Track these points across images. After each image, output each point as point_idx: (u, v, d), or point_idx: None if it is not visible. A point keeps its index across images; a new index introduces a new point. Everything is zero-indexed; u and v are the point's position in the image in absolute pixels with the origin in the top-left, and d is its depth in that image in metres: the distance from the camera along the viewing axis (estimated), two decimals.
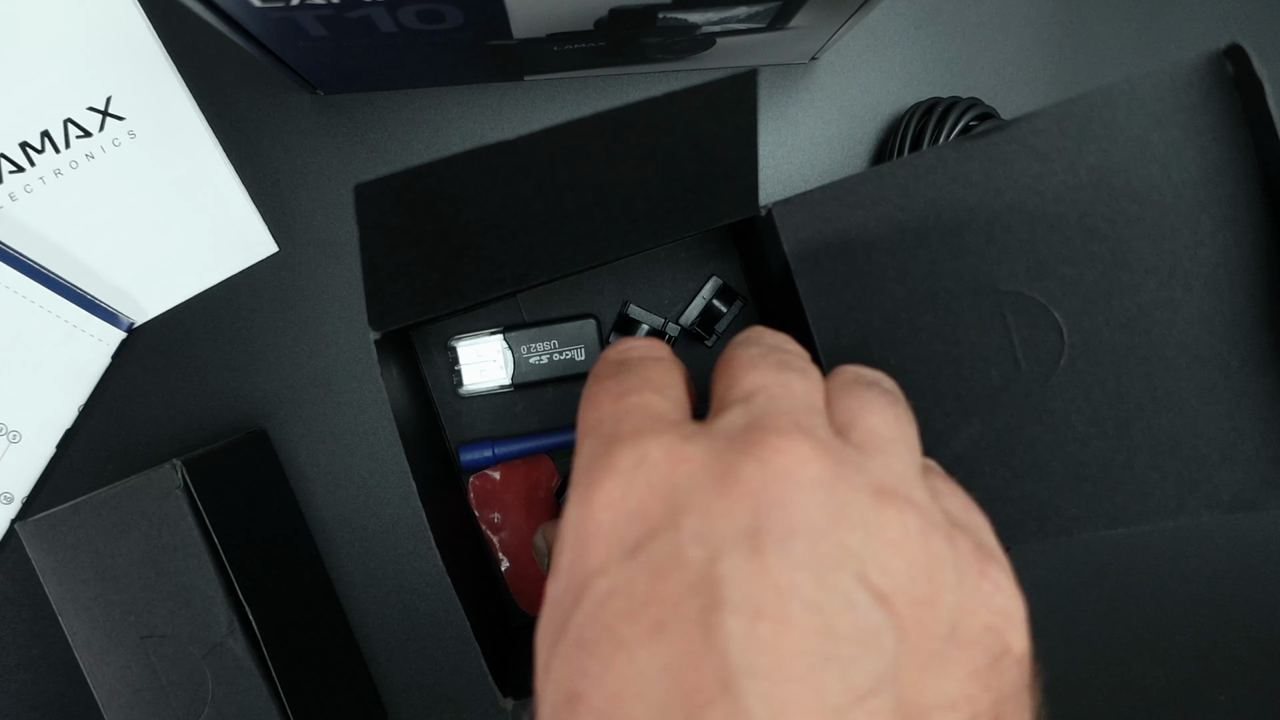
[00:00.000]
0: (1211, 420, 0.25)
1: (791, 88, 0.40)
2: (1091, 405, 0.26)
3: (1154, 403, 0.26)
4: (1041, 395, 0.26)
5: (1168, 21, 0.40)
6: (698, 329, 0.38)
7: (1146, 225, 0.25)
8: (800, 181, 0.40)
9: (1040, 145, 0.25)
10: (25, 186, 0.37)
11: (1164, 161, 0.25)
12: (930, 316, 0.27)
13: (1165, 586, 0.42)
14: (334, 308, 0.39)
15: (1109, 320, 0.26)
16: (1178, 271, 0.25)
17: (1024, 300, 0.26)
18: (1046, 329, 0.26)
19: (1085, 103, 0.25)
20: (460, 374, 0.38)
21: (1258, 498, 0.25)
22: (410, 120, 0.39)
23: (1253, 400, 0.25)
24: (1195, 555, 0.42)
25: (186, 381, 0.39)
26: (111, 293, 0.38)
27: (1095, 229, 0.25)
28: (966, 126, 0.36)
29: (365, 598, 0.40)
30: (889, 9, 0.40)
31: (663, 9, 0.29)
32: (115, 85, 0.37)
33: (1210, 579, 0.42)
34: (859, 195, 0.27)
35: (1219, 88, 0.24)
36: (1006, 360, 0.27)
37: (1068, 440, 0.26)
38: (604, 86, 0.39)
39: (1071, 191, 0.25)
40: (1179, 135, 0.24)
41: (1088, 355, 0.26)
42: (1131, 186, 0.25)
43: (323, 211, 0.38)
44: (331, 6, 0.26)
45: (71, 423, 0.37)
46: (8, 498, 0.37)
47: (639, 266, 0.39)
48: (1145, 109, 0.25)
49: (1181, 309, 0.25)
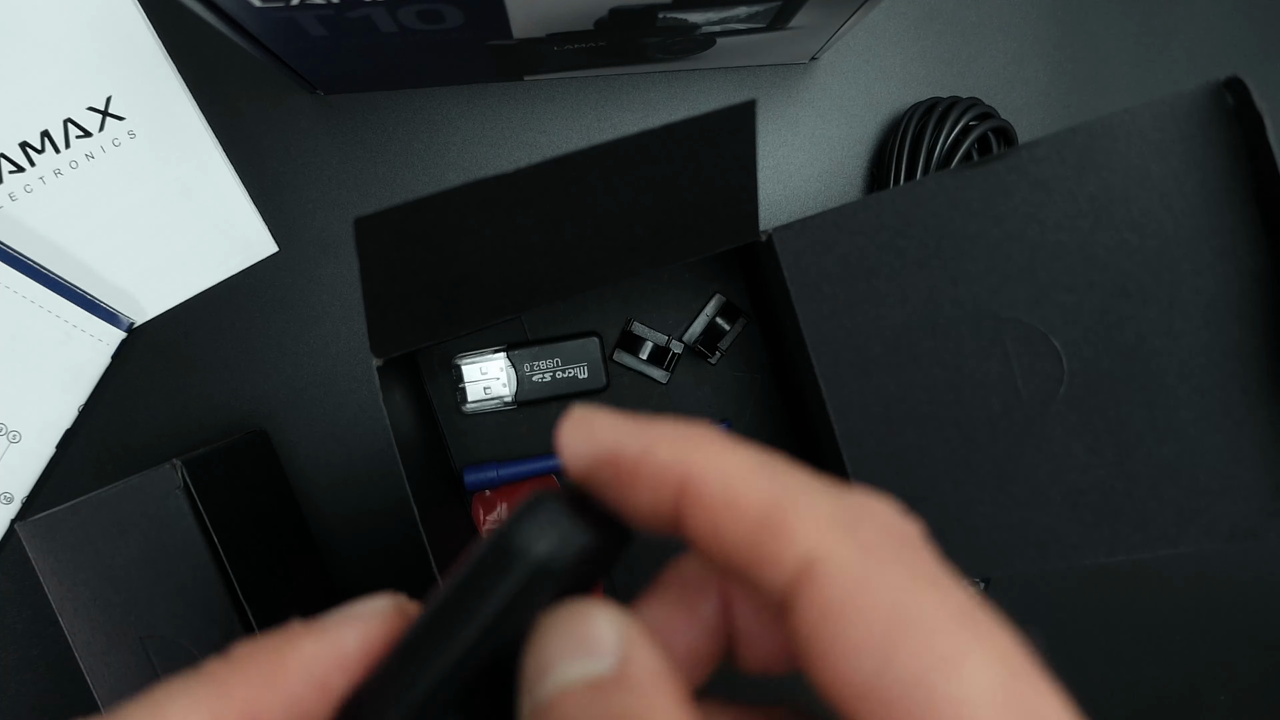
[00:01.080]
0: (1211, 449, 0.25)
1: (791, 88, 0.40)
2: (1091, 433, 0.26)
3: (1154, 431, 0.26)
4: (1041, 423, 0.26)
5: (1167, 21, 0.40)
6: (701, 347, 0.38)
7: (1147, 254, 0.25)
8: (800, 182, 0.40)
9: (1040, 174, 0.25)
10: (25, 186, 0.37)
11: (1164, 191, 0.25)
12: (930, 343, 0.27)
13: (1165, 587, 0.42)
14: (334, 308, 0.39)
15: (1109, 348, 0.26)
16: (1178, 301, 0.25)
17: (1024, 328, 0.26)
18: (1046, 357, 0.26)
19: (1085, 132, 0.25)
20: (464, 392, 0.38)
21: (1257, 527, 0.25)
22: (410, 120, 0.39)
23: (1252, 429, 0.25)
24: (1195, 555, 0.42)
25: (186, 381, 0.39)
26: (111, 293, 0.38)
27: (1095, 257, 0.25)
28: (966, 126, 0.36)
29: None
30: (889, 9, 0.39)
31: (663, 9, 0.29)
32: (115, 85, 0.37)
33: (1210, 579, 0.42)
34: (859, 221, 0.27)
35: (1219, 119, 0.24)
36: (1006, 387, 0.27)
37: (1067, 468, 0.26)
38: (604, 86, 0.39)
39: (1072, 220, 0.25)
40: (1179, 165, 0.24)
41: (1088, 383, 0.26)
42: (1131, 216, 0.25)
43: (323, 211, 0.38)
44: (331, 6, 0.26)
45: (71, 423, 0.37)
46: (8, 498, 0.37)
47: (643, 284, 0.39)
48: (1145, 139, 0.25)
49: (1181, 338, 0.25)
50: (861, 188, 0.40)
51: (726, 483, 0.14)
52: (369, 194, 0.39)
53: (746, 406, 0.39)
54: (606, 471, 0.15)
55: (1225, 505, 0.25)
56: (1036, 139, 0.25)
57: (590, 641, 0.14)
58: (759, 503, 0.14)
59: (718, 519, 0.14)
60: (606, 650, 0.14)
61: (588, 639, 0.14)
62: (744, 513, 0.14)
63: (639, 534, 0.16)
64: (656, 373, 0.39)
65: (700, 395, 0.39)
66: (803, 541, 0.13)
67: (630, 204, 0.25)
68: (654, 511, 0.15)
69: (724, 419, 0.39)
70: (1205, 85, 0.24)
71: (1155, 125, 0.24)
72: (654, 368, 0.38)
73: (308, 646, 0.15)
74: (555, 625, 0.14)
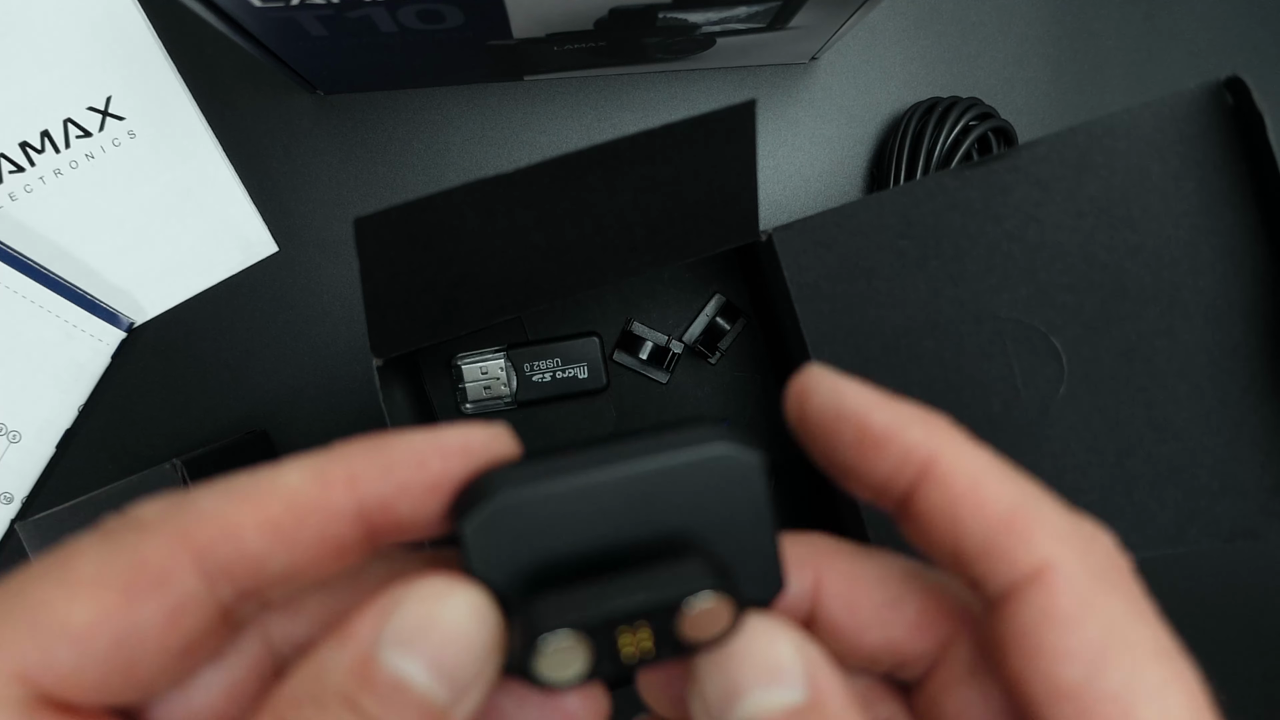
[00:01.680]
0: (1211, 449, 0.25)
1: (791, 88, 0.40)
2: (1091, 433, 0.26)
3: (1153, 431, 0.26)
4: (1041, 423, 0.26)
5: (1168, 21, 0.40)
6: (701, 347, 0.38)
7: (1146, 254, 0.25)
8: (800, 182, 0.40)
9: (1040, 174, 0.25)
10: (25, 186, 0.37)
11: (1164, 191, 0.25)
12: (930, 343, 0.27)
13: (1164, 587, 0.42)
14: (334, 308, 0.39)
15: (1109, 348, 0.26)
16: (1177, 301, 0.25)
17: (1024, 328, 0.26)
18: (1046, 357, 0.26)
19: (1085, 132, 0.25)
20: (464, 392, 0.38)
21: (1257, 527, 0.25)
22: (410, 120, 0.39)
23: (1252, 429, 0.25)
24: (1195, 554, 0.42)
25: (186, 381, 0.39)
26: (111, 292, 0.38)
27: (1095, 257, 0.25)
28: (966, 126, 0.36)
29: None
30: (889, 9, 0.40)
31: (663, 9, 0.29)
32: (115, 85, 0.37)
33: (1210, 579, 0.42)
34: (859, 221, 0.27)
35: (1218, 119, 0.24)
36: (1006, 387, 0.27)
37: (1067, 468, 0.26)
38: (604, 86, 0.39)
39: (1072, 220, 0.25)
40: (1179, 165, 0.25)
41: (1087, 383, 0.26)
42: (1131, 216, 0.25)
43: (323, 211, 0.38)
44: (331, 6, 0.26)
45: (71, 423, 0.37)
46: (7, 498, 0.37)
47: (643, 284, 0.39)
48: (1145, 139, 0.25)
49: (1181, 338, 0.25)
50: (861, 188, 0.40)
51: (976, 477, 0.15)
52: (369, 194, 0.39)
53: (746, 406, 0.39)
54: (850, 433, 0.16)
55: (1225, 505, 0.25)
56: (1036, 139, 0.25)
57: (779, 668, 0.15)
58: (1006, 502, 0.15)
59: (959, 507, 0.15)
60: (796, 677, 0.15)
61: (776, 665, 0.15)
62: (989, 508, 0.15)
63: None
64: (656, 373, 0.39)
65: (700, 395, 0.39)
66: (1040, 549, 0.15)
67: (630, 204, 0.25)
68: (887, 481, 0.16)
69: (724, 419, 0.39)
70: (1205, 85, 0.24)
71: (1155, 125, 0.25)
72: (654, 368, 0.38)
73: (418, 440, 0.15)
74: (742, 647, 0.15)
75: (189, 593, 0.14)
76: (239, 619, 0.15)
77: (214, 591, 0.14)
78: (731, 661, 0.15)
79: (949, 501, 0.15)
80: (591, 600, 0.14)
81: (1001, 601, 0.15)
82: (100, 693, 0.14)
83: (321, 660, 0.14)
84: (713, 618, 0.14)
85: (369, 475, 0.15)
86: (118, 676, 0.14)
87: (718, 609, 0.14)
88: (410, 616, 0.14)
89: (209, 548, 0.14)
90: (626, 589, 0.14)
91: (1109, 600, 0.15)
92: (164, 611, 0.14)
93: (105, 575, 0.14)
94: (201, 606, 0.14)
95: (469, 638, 0.14)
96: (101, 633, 0.13)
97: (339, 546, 0.15)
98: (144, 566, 0.14)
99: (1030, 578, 0.15)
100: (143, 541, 0.14)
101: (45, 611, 0.13)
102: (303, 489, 0.14)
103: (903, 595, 0.17)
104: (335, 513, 0.14)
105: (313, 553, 0.14)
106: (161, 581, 0.14)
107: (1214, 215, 0.25)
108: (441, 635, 0.14)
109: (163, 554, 0.14)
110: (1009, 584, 0.15)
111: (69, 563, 0.14)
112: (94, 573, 0.14)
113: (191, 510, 0.14)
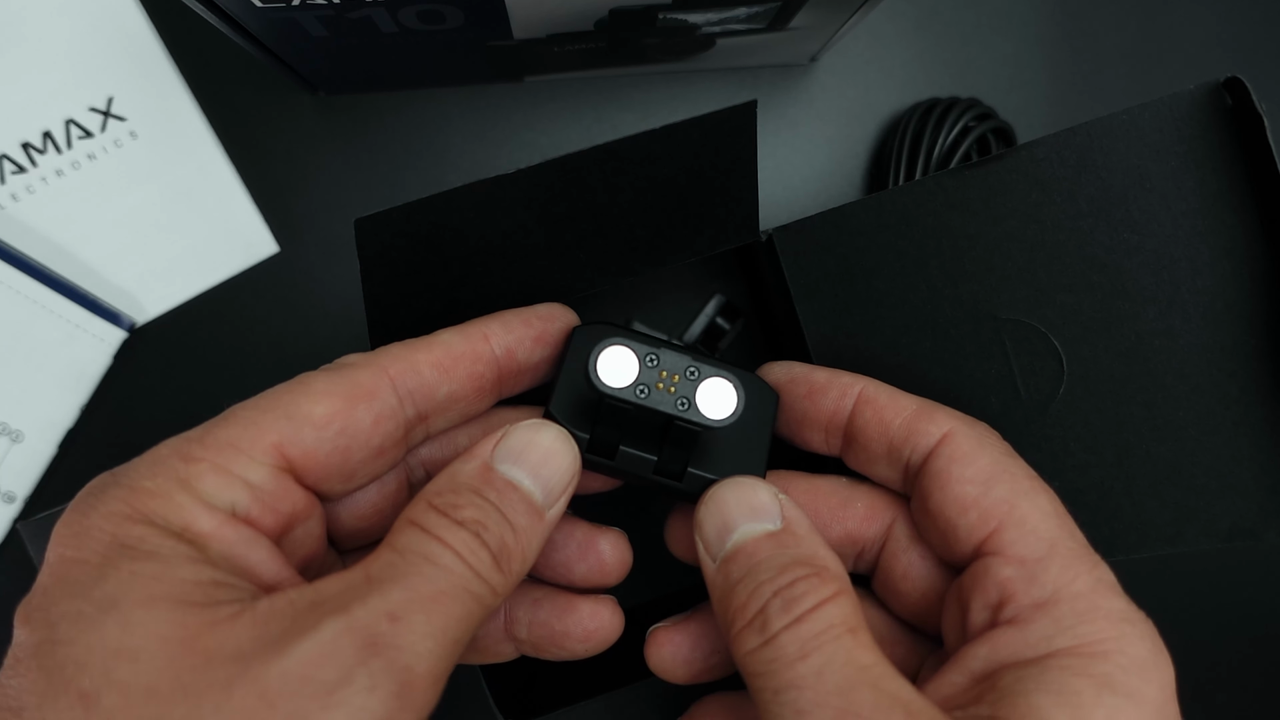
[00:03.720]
0: (1210, 449, 0.26)
1: (791, 88, 0.40)
2: (1090, 433, 0.26)
3: (1153, 431, 0.26)
4: (1040, 423, 0.26)
5: (1168, 21, 0.41)
6: (701, 346, 0.38)
7: (1146, 255, 0.25)
8: (800, 182, 0.40)
9: (1040, 174, 0.26)
10: (27, 187, 0.37)
11: (1163, 192, 0.25)
12: (930, 343, 0.27)
13: (1163, 586, 0.42)
14: (334, 308, 0.39)
15: (1108, 348, 0.26)
16: (1177, 301, 0.25)
17: (1024, 328, 0.26)
18: (1046, 356, 0.26)
19: (1085, 132, 0.25)
20: None
21: (1256, 527, 0.25)
22: (410, 120, 0.39)
23: (1251, 430, 0.25)
24: (1195, 555, 0.42)
25: (188, 381, 0.39)
26: (113, 292, 0.38)
27: (1095, 258, 0.26)
28: (966, 127, 0.36)
29: None
30: (889, 10, 0.40)
31: (663, 9, 0.29)
32: (117, 86, 0.37)
33: (1210, 579, 0.42)
34: (859, 221, 0.27)
35: (1218, 119, 0.24)
36: (1006, 387, 0.27)
37: (1066, 468, 0.26)
38: (604, 87, 0.39)
39: (1071, 220, 0.26)
40: (1178, 166, 0.25)
41: (1087, 383, 0.26)
42: (1131, 216, 0.25)
43: (323, 212, 0.38)
44: (332, 7, 0.26)
45: (73, 422, 0.38)
46: (9, 497, 0.37)
47: (643, 283, 0.39)
48: (1144, 139, 0.25)
49: (1180, 338, 0.25)
50: (861, 188, 0.40)
51: (891, 394, 0.24)
52: (369, 194, 0.39)
53: None
54: (802, 388, 0.24)
55: (1224, 505, 0.26)
56: (1036, 139, 0.25)
57: (760, 506, 0.21)
58: (915, 404, 0.23)
59: (884, 413, 0.23)
60: (774, 512, 0.21)
61: (758, 504, 0.21)
62: (905, 408, 0.23)
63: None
64: None
65: None
66: (942, 424, 0.22)
67: (630, 204, 0.25)
68: (832, 416, 0.24)
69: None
70: (1205, 85, 0.24)
71: (1155, 125, 0.25)
72: None
73: (524, 310, 0.24)
74: (729, 494, 0.22)
75: (389, 405, 0.21)
76: (413, 439, 0.22)
77: (403, 408, 0.21)
78: (724, 505, 0.22)
79: (876, 412, 0.23)
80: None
81: (922, 464, 0.22)
82: (324, 470, 0.20)
83: (454, 468, 0.20)
84: (721, 391, 0.22)
85: (496, 331, 0.22)
86: (337, 459, 0.20)
87: (725, 389, 0.22)
88: (516, 440, 0.21)
89: (400, 376, 0.21)
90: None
91: (991, 449, 0.22)
92: (372, 415, 0.20)
93: (333, 388, 0.20)
94: (395, 417, 0.21)
95: (559, 456, 0.21)
96: (332, 423, 0.20)
97: (480, 384, 0.22)
98: (359, 384, 0.20)
99: (939, 440, 0.22)
100: (356, 370, 0.21)
101: (294, 407, 0.19)
102: (456, 341, 0.22)
103: (851, 497, 0.24)
104: (478, 355, 0.22)
105: (464, 385, 0.22)
106: (371, 394, 0.20)
107: (1214, 215, 0.25)
108: (539, 453, 0.21)
109: (370, 377, 0.20)
110: (925, 449, 0.22)
111: (307, 381, 0.20)
112: (325, 387, 0.20)
113: (387, 353, 0.21)
